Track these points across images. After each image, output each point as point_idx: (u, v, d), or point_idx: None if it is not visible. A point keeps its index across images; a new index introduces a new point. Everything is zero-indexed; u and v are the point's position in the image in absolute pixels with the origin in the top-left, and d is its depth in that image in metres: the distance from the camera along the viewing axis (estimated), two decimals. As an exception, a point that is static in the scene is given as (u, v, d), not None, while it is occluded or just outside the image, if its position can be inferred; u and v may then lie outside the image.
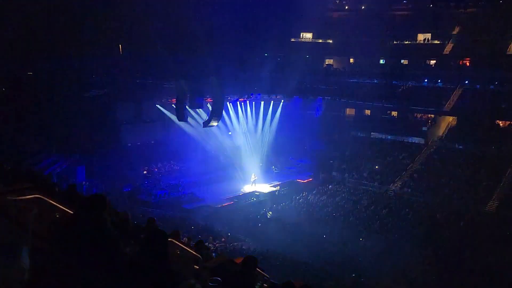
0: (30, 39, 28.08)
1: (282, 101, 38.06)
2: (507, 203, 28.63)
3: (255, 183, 33.40)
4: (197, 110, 32.16)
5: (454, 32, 42.96)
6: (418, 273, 21.93)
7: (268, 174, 36.58)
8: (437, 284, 20.98)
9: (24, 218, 1.87)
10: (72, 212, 4.18)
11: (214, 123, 30.66)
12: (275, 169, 37.71)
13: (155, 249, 3.19)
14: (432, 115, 39.90)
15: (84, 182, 26.79)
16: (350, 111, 45.25)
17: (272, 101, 37.88)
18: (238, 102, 35.81)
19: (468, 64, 41.29)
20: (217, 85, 29.50)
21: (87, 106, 28.85)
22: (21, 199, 3.66)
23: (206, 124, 30.33)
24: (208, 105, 31.38)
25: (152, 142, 34.92)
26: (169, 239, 4.49)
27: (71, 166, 27.27)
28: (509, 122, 36.60)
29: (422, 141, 38.08)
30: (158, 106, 32.72)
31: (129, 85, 32.66)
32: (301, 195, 32.73)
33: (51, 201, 4.34)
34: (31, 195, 3.98)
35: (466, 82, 38.70)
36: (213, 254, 11.15)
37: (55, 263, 3.02)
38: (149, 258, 3.14)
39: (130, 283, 3.00)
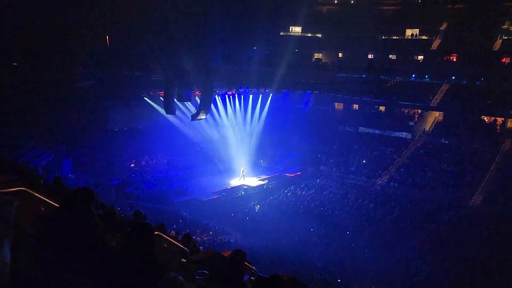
0: (14, 30, 27.56)
1: (271, 94, 38.08)
2: (491, 197, 29.10)
3: (244, 177, 33.45)
4: (185, 103, 31.97)
5: (442, 28, 43.30)
6: (404, 265, 22.23)
7: (256, 167, 36.64)
8: (422, 274, 21.27)
9: (6, 210, 1.84)
10: (58, 206, 4.14)
11: (202, 116, 30.52)
12: (263, 163, 37.78)
13: (140, 242, 3.18)
14: (419, 110, 40.25)
15: (70, 175, 26.52)
16: (338, 106, 45.47)
17: (260, 95, 37.86)
18: (226, 95, 35.72)
19: (455, 60, 41.69)
20: (206, 78, 29.34)
21: (74, 98, 28.50)
22: (6, 192, 3.62)
23: (194, 117, 30.20)
24: (197, 98, 31.23)
25: (140, 127, 34.44)
26: (155, 232, 4.47)
27: (57, 159, 26.98)
28: (494, 118, 37.11)
29: (409, 135, 38.47)
30: (146, 98, 32.44)
31: (116, 77, 32.29)
32: (289, 189, 32.87)
33: (36, 194, 4.29)
34: (16, 187, 3.93)
35: (453, 78, 39.10)
36: (201, 247, 11.17)
37: (40, 257, 3.00)
38: (134, 251, 3.12)
39: (116, 276, 2.99)
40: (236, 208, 28.97)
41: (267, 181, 34.36)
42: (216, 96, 34.07)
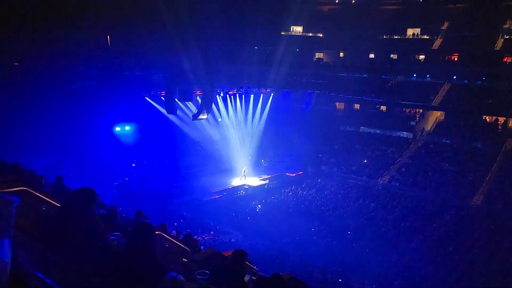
0: (14, 30, 27.59)
1: (272, 94, 38.06)
2: (493, 197, 29.06)
3: (245, 177, 33.46)
4: (186, 102, 31.94)
5: (443, 27, 43.28)
6: (405, 264, 22.20)
7: (257, 167, 36.63)
8: (423, 274, 21.24)
9: (6, 210, 1.83)
10: (59, 205, 4.14)
11: (204, 116, 30.52)
12: (264, 163, 37.77)
13: (141, 241, 3.18)
14: (421, 110, 40.23)
15: (71, 175, 26.50)
16: (339, 105, 45.50)
17: (261, 95, 37.86)
18: (227, 95, 35.71)
19: (456, 59, 41.67)
20: (207, 78, 29.32)
21: (74, 98, 28.50)
22: (6, 192, 3.61)
23: (195, 117, 30.19)
24: (198, 97, 31.21)
25: (141, 127, 34.33)
26: (157, 232, 4.47)
27: (58, 158, 26.97)
28: (495, 118, 37.07)
29: (410, 135, 38.42)
30: (146, 98, 32.41)
31: (117, 77, 32.27)
32: (290, 188, 32.85)
33: (37, 194, 4.29)
34: (17, 187, 3.93)
35: (454, 77, 39.07)
36: (202, 247, 11.17)
37: (41, 257, 2.99)
38: (135, 250, 3.12)
39: (117, 276, 2.99)
40: (237, 208, 28.96)
41: (268, 180, 34.32)
42: (217, 96, 34.06)
